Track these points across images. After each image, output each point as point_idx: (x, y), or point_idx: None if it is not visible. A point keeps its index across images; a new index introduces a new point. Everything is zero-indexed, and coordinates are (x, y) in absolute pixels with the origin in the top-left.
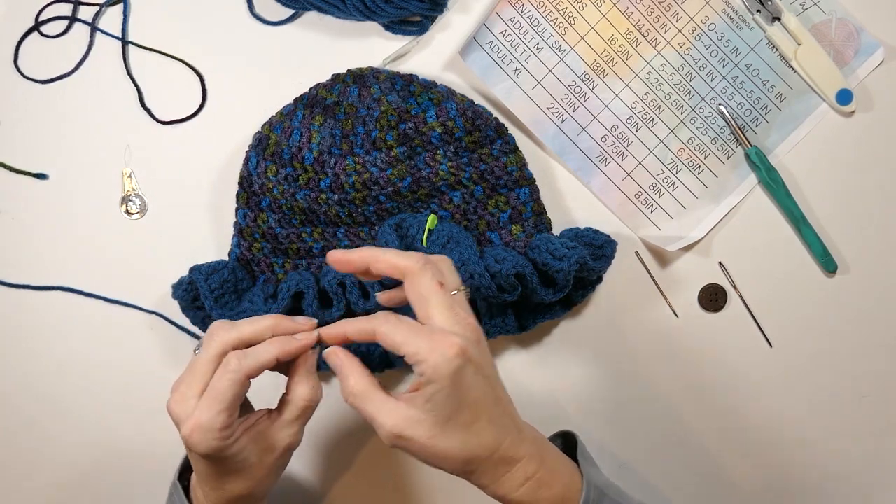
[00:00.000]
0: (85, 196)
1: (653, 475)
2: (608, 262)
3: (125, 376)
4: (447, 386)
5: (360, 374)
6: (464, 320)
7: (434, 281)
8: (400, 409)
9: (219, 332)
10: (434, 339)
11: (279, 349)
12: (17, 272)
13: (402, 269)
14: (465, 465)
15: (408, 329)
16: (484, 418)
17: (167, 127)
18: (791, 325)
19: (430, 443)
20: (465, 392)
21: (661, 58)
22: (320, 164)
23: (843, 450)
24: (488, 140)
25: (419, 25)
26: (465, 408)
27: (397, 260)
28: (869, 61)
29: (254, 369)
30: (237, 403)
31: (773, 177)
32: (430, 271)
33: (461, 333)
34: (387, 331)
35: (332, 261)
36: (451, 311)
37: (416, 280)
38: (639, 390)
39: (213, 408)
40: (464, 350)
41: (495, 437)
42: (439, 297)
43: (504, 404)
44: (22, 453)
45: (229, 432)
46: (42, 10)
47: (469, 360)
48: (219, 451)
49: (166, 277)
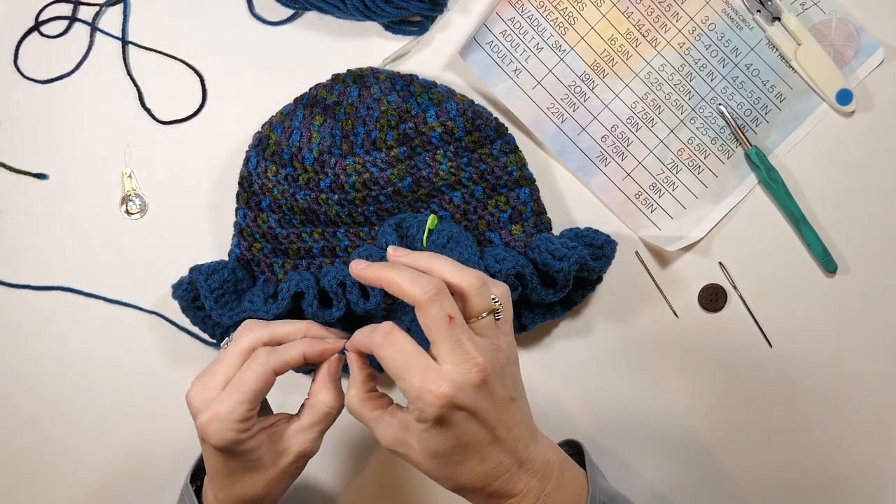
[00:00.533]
0: (85, 196)
1: (652, 475)
2: (608, 262)
3: (125, 376)
4: (432, 430)
5: (360, 387)
6: (470, 360)
7: (442, 315)
8: (394, 430)
9: (252, 328)
10: (424, 382)
11: (306, 348)
12: (17, 272)
13: (412, 299)
14: (457, 489)
15: (404, 361)
16: (475, 458)
17: (167, 127)
18: (791, 325)
19: (420, 465)
20: (452, 437)
21: (661, 58)
22: (320, 164)
23: (843, 450)
24: (488, 140)
25: (419, 25)
26: (453, 449)
27: (408, 287)
28: (869, 61)
29: (280, 365)
30: (259, 398)
31: (773, 177)
32: (438, 304)
33: (459, 377)
34: (385, 356)
35: (355, 274)
36: (456, 349)
37: (425, 312)
38: (639, 390)
39: (234, 398)
40: (450, 400)
41: (485, 475)
42: (445, 333)
43: (504, 442)
44: (22, 453)
45: (246, 426)
46: (42, 10)
47: (457, 409)
48: (233, 443)
49: (166, 277)
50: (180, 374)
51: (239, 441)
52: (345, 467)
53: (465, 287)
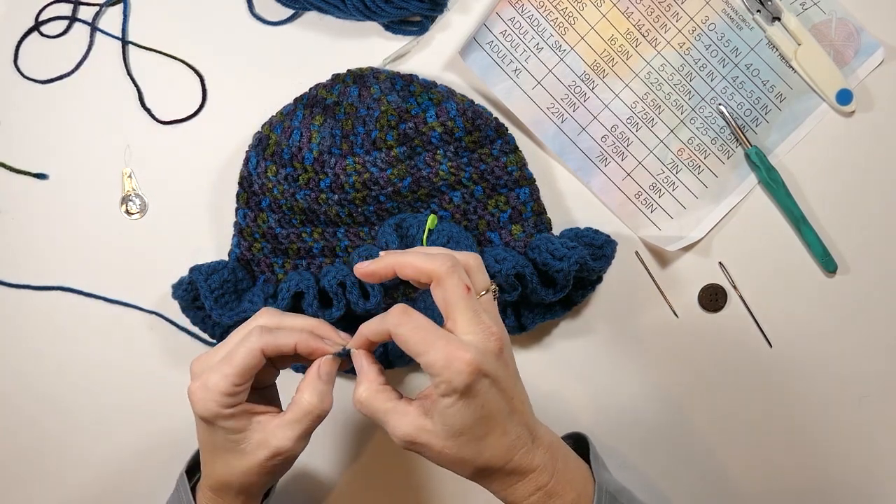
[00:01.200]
0: (85, 196)
1: (653, 474)
2: (608, 262)
3: (125, 376)
4: (460, 402)
5: (373, 379)
6: (487, 329)
7: (461, 285)
8: (413, 417)
9: (265, 315)
10: (449, 352)
11: (299, 338)
12: (17, 272)
13: (429, 272)
14: (477, 472)
15: (424, 336)
16: (498, 431)
17: (167, 127)
18: (791, 325)
19: (442, 451)
20: (478, 407)
21: (661, 58)
22: (320, 164)
23: (843, 450)
24: (488, 140)
25: (419, 25)
26: (478, 421)
27: (424, 263)
28: (869, 61)
29: (270, 346)
30: (246, 375)
31: (773, 177)
32: (457, 275)
33: (480, 345)
34: (404, 334)
35: (360, 274)
36: (475, 319)
37: (444, 284)
38: (639, 390)
39: (223, 370)
40: (478, 366)
41: (508, 448)
42: (464, 302)
43: (520, 414)
44: (22, 453)
45: (231, 401)
46: (42, 10)
47: (483, 376)
48: (214, 416)
49: (166, 277)
50: (180, 374)
51: (219, 415)
52: (340, 458)
53: (469, 265)
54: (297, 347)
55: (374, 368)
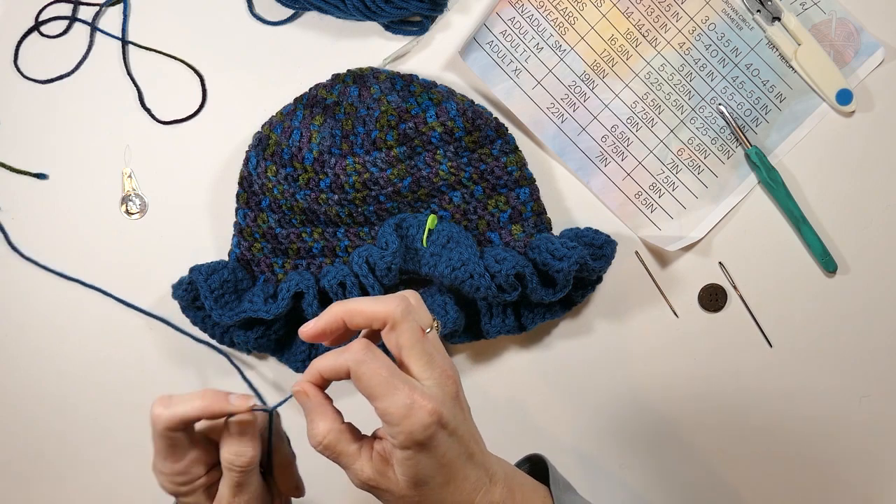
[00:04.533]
0: (85, 196)
1: (652, 474)
2: (608, 262)
3: (125, 376)
4: (419, 454)
5: (334, 419)
6: (443, 372)
7: (417, 329)
8: (376, 463)
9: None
10: (412, 400)
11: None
12: (16, 272)
13: (383, 317)
14: None
15: (386, 380)
16: (459, 477)
17: (167, 127)
18: (791, 325)
19: (403, 499)
20: (437, 458)
21: (661, 58)
22: (320, 164)
23: (843, 450)
24: (488, 140)
25: (419, 25)
26: (438, 470)
27: (375, 308)
28: (869, 61)
29: (174, 419)
30: (173, 452)
31: (773, 177)
32: (412, 317)
33: (438, 391)
34: (365, 374)
35: (306, 337)
36: (430, 364)
37: (399, 328)
38: (639, 390)
39: (155, 466)
40: (439, 416)
41: (469, 493)
42: (419, 348)
43: (476, 455)
44: (22, 453)
45: (182, 479)
46: (42, 10)
47: (443, 426)
48: (174, 494)
49: (166, 277)
50: (181, 374)
51: (180, 493)
52: None
53: (410, 303)
54: (206, 412)
55: (331, 407)
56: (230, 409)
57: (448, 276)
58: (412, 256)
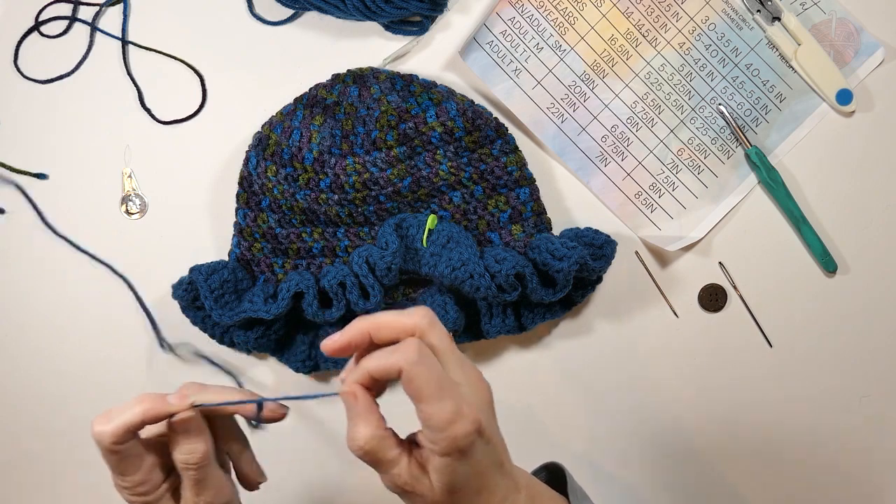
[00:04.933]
0: (85, 196)
1: (652, 474)
2: (608, 262)
3: (125, 376)
4: (457, 462)
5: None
6: (477, 381)
7: (447, 334)
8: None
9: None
10: (458, 407)
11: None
12: (17, 272)
13: (412, 328)
14: None
15: (438, 385)
16: (491, 485)
17: (167, 127)
18: (791, 325)
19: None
20: (473, 466)
21: (661, 58)
22: (320, 164)
23: (843, 450)
24: (488, 140)
25: (419, 25)
26: (473, 478)
27: (403, 319)
28: (869, 61)
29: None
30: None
31: (773, 177)
32: (439, 325)
33: (476, 398)
34: (419, 376)
35: (329, 352)
36: (465, 368)
37: (429, 336)
38: (639, 390)
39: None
40: (479, 424)
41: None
42: (455, 351)
43: (505, 466)
44: (22, 453)
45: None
46: (42, 10)
47: (480, 434)
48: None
49: (166, 277)
50: (181, 374)
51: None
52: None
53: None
54: (148, 417)
55: (377, 411)
56: (170, 410)
57: (448, 276)
58: (412, 256)
